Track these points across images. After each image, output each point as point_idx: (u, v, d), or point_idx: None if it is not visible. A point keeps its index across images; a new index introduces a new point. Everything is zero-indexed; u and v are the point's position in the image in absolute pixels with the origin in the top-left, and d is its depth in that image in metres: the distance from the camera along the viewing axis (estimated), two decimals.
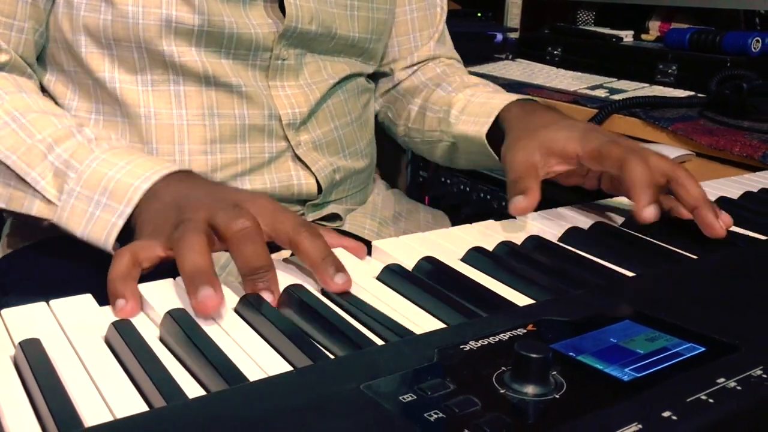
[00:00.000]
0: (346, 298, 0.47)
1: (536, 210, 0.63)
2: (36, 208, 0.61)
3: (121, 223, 0.57)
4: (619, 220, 0.65)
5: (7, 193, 0.62)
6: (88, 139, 0.62)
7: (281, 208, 0.53)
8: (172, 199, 0.55)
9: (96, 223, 0.58)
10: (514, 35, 1.92)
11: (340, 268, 0.49)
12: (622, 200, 0.69)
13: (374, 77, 0.93)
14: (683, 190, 0.59)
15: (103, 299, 0.46)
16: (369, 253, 0.56)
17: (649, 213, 0.56)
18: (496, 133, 0.76)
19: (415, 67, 0.95)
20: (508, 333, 0.40)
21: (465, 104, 0.82)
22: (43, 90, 0.74)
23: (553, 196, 0.67)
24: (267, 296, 0.46)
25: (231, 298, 0.47)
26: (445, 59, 0.97)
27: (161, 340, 0.42)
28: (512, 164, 0.66)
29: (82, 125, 0.65)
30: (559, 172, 0.66)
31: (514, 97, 0.78)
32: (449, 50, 0.99)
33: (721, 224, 0.57)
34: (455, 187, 1.39)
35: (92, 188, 0.59)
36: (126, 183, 0.58)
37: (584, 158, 0.63)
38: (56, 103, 0.73)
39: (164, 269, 0.49)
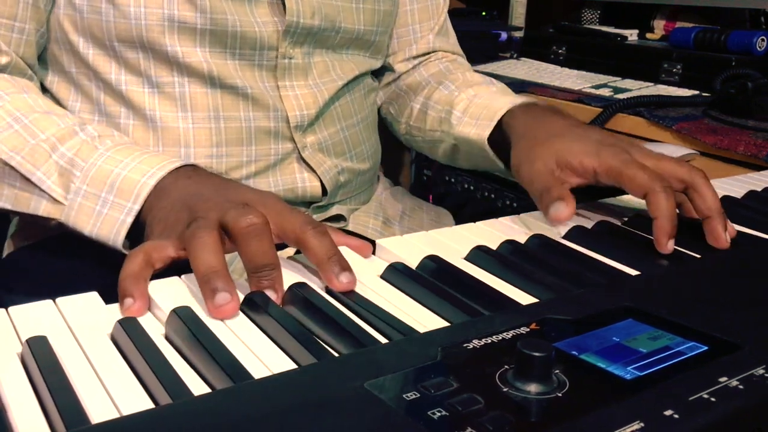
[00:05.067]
0: (350, 297, 0.47)
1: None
2: (43, 208, 0.61)
3: (130, 220, 0.57)
4: (623, 219, 0.65)
5: (12, 194, 0.62)
6: (92, 137, 0.62)
7: (289, 208, 0.53)
8: (181, 196, 0.55)
9: (104, 221, 0.58)
10: (518, 34, 1.92)
11: (345, 267, 0.49)
12: (625, 199, 0.69)
13: (376, 72, 0.93)
14: (699, 198, 0.59)
15: (108, 297, 0.46)
16: (374, 252, 0.56)
17: (669, 248, 0.56)
18: (498, 137, 0.75)
19: (416, 61, 0.94)
20: (512, 331, 0.40)
21: (467, 105, 0.81)
22: (45, 90, 0.74)
23: None
24: (271, 294, 0.47)
25: None
26: (449, 54, 0.96)
27: (167, 338, 0.43)
28: (534, 175, 0.63)
29: (85, 123, 0.64)
30: (573, 185, 0.64)
31: (518, 99, 0.77)
32: (452, 45, 0.97)
33: (727, 237, 0.58)
34: (459, 185, 1.39)
35: (99, 186, 0.58)
36: (133, 179, 0.57)
37: (602, 175, 0.61)
38: (58, 104, 0.72)
39: (171, 266, 0.50)
